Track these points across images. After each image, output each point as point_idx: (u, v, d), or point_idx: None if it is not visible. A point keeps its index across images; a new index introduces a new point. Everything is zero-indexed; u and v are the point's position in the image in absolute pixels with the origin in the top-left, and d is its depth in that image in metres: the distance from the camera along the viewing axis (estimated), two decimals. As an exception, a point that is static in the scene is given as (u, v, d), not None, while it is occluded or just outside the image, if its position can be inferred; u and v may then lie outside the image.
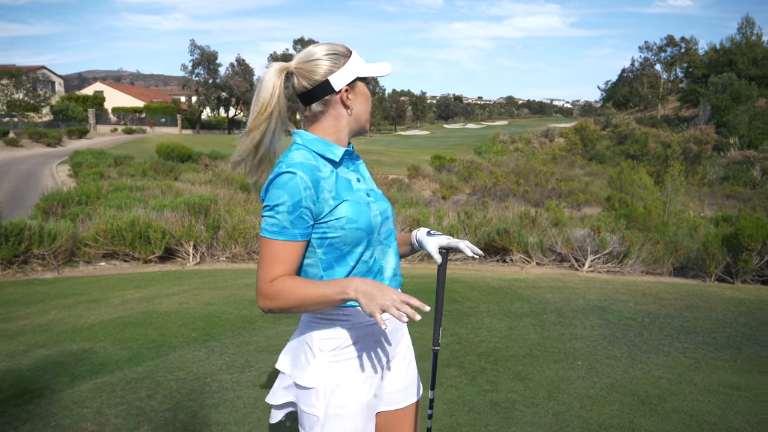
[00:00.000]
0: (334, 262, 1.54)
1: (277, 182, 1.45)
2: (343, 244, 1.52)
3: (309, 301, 1.44)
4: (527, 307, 5.55)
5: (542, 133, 61.26)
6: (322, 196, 1.48)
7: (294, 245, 1.47)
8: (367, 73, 1.59)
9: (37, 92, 52.09)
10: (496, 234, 9.85)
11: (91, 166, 21.13)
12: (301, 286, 1.44)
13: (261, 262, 1.47)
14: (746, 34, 65.28)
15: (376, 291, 1.40)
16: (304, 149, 1.55)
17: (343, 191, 1.54)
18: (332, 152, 1.57)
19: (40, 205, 11.08)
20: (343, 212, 1.51)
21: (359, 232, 1.53)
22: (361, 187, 1.62)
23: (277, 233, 1.45)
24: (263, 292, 1.45)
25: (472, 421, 3.16)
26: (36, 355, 4.01)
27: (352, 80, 1.57)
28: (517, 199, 21.48)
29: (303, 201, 1.44)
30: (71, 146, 35.99)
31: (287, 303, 1.44)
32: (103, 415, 3.09)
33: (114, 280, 7.37)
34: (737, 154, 41.47)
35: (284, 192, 1.43)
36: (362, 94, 1.62)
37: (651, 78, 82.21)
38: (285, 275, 1.46)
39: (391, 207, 1.71)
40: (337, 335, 1.56)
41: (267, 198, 1.47)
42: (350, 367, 1.56)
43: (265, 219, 1.47)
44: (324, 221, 1.49)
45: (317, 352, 1.55)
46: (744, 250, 8.28)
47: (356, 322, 1.57)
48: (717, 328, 4.96)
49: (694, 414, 3.25)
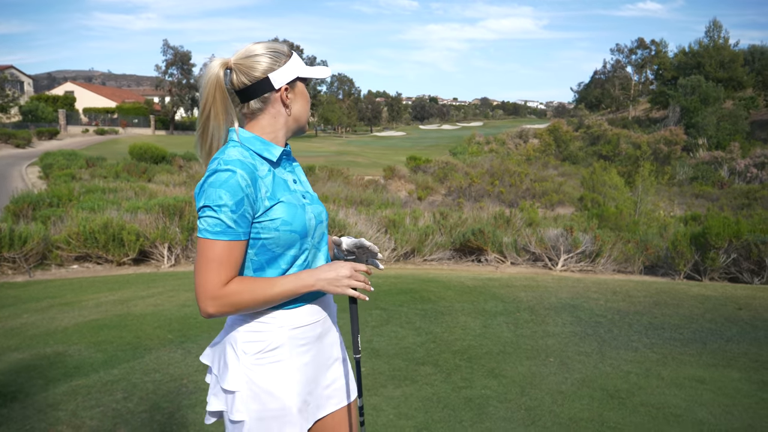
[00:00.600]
0: (266, 264, 1.51)
1: (215, 180, 1.41)
2: (276, 245, 1.50)
3: (270, 300, 1.45)
4: (501, 306, 5.65)
5: (516, 134, 61.90)
6: (259, 194, 1.46)
7: (240, 245, 1.43)
8: (307, 73, 1.58)
9: (5, 92, 50.84)
10: (471, 234, 9.96)
11: (62, 168, 20.74)
12: (258, 285, 1.44)
13: (205, 265, 1.41)
14: (714, 37, 66.84)
15: (333, 274, 1.49)
16: (241, 147, 1.51)
17: (280, 192, 1.52)
18: (270, 152, 1.54)
19: (10, 208, 10.85)
20: (278, 213, 1.48)
21: (293, 235, 1.51)
22: (298, 189, 1.60)
23: (221, 233, 1.40)
24: (217, 296, 1.40)
25: (447, 417, 3.22)
26: (9, 358, 3.97)
27: (292, 79, 1.56)
28: (491, 200, 21.71)
29: (244, 199, 1.41)
30: (41, 147, 35.25)
31: (243, 305, 1.42)
32: (79, 418, 3.08)
33: (87, 283, 7.27)
34: (706, 155, 42.42)
35: (225, 190, 1.39)
36: (302, 94, 1.60)
37: (622, 80, 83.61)
38: (236, 276, 1.44)
39: (326, 211, 1.69)
40: (263, 338, 1.51)
41: (205, 197, 1.41)
42: (276, 371, 1.51)
43: (206, 219, 1.41)
44: (258, 221, 1.47)
45: (241, 355, 1.50)
46: (711, 248, 8.52)
47: (283, 324, 1.53)
48: (684, 324, 5.11)
49: (660, 407, 3.37)
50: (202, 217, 1.42)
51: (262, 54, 1.53)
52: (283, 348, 1.52)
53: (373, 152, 48.93)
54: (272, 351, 1.51)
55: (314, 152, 41.11)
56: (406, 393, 3.53)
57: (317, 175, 22.79)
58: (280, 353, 1.52)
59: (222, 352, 1.56)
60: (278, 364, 1.51)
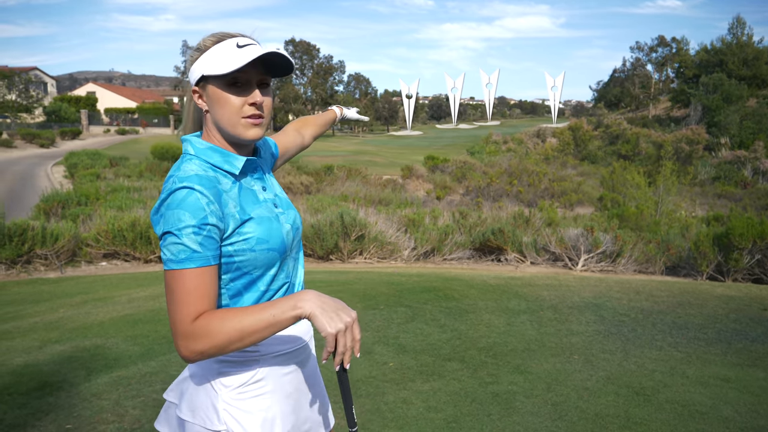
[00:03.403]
0: (243, 289, 1.31)
1: (172, 201, 1.19)
2: (254, 267, 1.29)
3: (254, 331, 1.17)
4: (524, 304, 5.71)
5: (534, 133, 61.57)
6: (226, 210, 1.24)
7: (210, 270, 1.21)
8: (211, 70, 1.27)
9: (30, 93, 51.91)
10: (491, 234, 10.02)
11: (86, 167, 21.16)
12: (237, 315, 1.17)
13: (174, 301, 1.18)
14: (737, 34, 65.81)
15: (332, 305, 1.20)
16: (198, 160, 1.30)
17: (249, 206, 1.31)
18: (231, 164, 1.32)
19: (41, 206, 11.16)
20: (251, 231, 1.27)
21: (271, 253, 1.30)
22: (267, 197, 1.38)
23: (187, 260, 1.18)
24: (187, 334, 1.16)
25: (475, 411, 3.31)
26: (51, 350, 4.13)
27: (197, 79, 1.31)
28: (510, 199, 21.69)
29: (208, 217, 1.19)
30: (65, 147, 35.93)
31: (223, 340, 1.16)
32: (122, 407, 3.22)
33: (117, 280, 7.47)
34: (728, 154, 41.84)
35: (184, 211, 1.18)
36: (214, 97, 1.30)
37: (642, 78, 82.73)
38: (209, 309, 1.20)
39: (299, 215, 1.48)
40: (246, 367, 1.32)
41: (164, 222, 1.19)
42: (260, 405, 1.32)
43: (168, 248, 1.19)
44: (230, 242, 1.25)
45: (220, 389, 1.31)
46: (735, 249, 8.48)
47: (265, 353, 1.34)
48: (708, 324, 5.13)
49: (686, 404, 3.42)
50: (164, 246, 1.20)
51: (195, 47, 1.32)
52: (267, 379, 1.34)
53: (390, 151, 49.02)
54: (255, 383, 1.33)
55: (332, 152, 41.31)
56: (434, 387, 3.62)
57: (336, 175, 22.97)
58: (263, 384, 1.34)
59: (192, 388, 1.34)
60: (262, 397, 1.33)
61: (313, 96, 78.84)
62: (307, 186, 20.62)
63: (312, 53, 78.38)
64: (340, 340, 1.18)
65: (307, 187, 20.63)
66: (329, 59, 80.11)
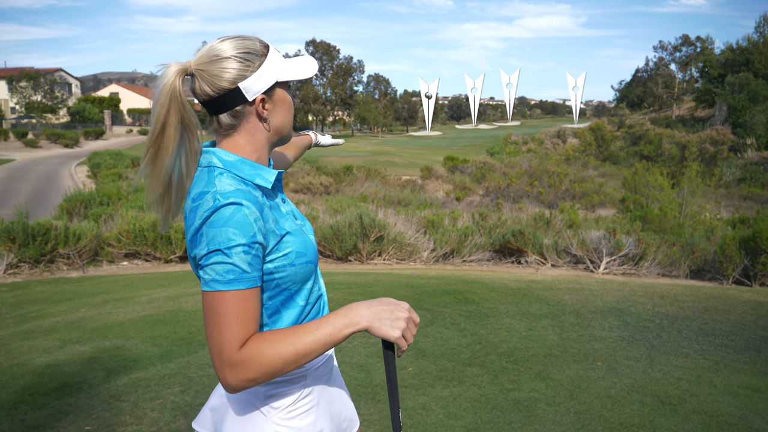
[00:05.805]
0: (281, 306, 1.25)
1: (218, 219, 1.11)
2: (293, 282, 1.24)
3: (310, 352, 1.14)
4: (545, 309, 5.62)
5: (555, 134, 61.02)
6: (269, 226, 1.19)
7: (257, 292, 1.16)
8: (288, 76, 1.26)
9: (55, 94, 52.91)
10: (511, 235, 9.92)
11: (109, 167, 21.47)
12: (288, 338, 1.13)
13: (218, 325, 1.10)
14: (764, 32, 64.57)
15: (385, 308, 1.18)
16: (228, 174, 1.20)
17: (281, 220, 1.26)
18: (263, 177, 1.24)
19: (64, 206, 11.31)
20: (290, 246, 1.23)
21: (309, 266, 1.27)
22: (288, 210, 1.33)
23: (235, 281, 1.11)
24: (235, 361, 1.09)
25: (496, 418, 3.25)
26: (72, 350, 4.16)
27: (269, 86, 1.24)
28: (530, 201, 21.48)
29: (257, 235, 1.14)
30: (88, 147, 36.51)
31: (278, 365, 1.12)
32: (141, 409, 3.22)
33: (138, 280, 7.53)
34: (754, 155, 40.99)
35: (234, 228, 1.11)
36: (282, 101, 1.28)
37: (666, 78, 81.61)
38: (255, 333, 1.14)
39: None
40: (293, 387, 1.28)
41: (209, 241, 1.11)
42: (309, 420, 1.30)
43: (214, 267, 1.11)
44: (270, 260, 1.20)
45: (269, 413, 1.26)
46: (762, 252, 8.28)
47: (310, 366, 1.30)
48: (736, 331, 5.00)
49: (714, 414, 3.32)
50: (207, 265, 1.12)
51: (229, 57, 1.21)
52: (314, 392, 1.33)
53: (409, 152, 48.96)
54: (305, 398, 1.30)
55: (351, 152, 41.39)
56: (454, 393, 3.56)
57: (355, 175, 22.98)
58: (310, 400, 1.31)
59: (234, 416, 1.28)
60: (310, 412, 1.31)
61: (333, 96, 79.12)
62: (327, 186, 20.66)
63: (332, 54, 78.67)
64: (407, 335, 1.18)
65: (326, 187, 20.68)
66: (349, 60, 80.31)
